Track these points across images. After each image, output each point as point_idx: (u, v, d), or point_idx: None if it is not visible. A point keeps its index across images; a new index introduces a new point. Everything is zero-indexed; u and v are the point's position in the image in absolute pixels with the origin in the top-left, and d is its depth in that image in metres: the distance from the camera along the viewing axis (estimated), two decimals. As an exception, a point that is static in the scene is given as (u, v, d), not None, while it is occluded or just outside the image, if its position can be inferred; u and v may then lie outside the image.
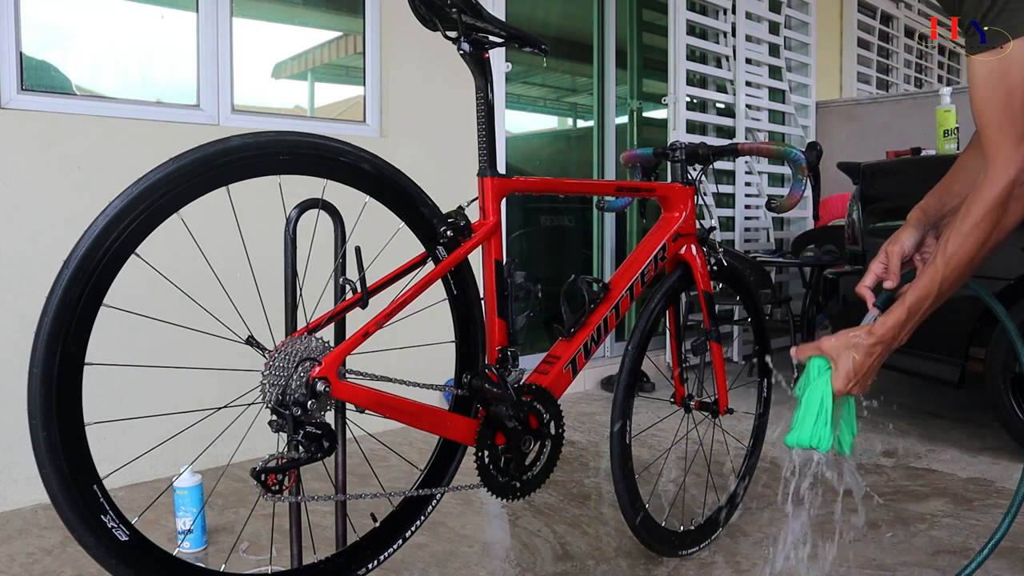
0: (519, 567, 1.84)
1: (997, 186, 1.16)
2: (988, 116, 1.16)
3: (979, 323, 2.69)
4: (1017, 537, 2.00)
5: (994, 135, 1.16)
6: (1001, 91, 1.14)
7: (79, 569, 1.80)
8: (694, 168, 1.91)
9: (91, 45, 2.47)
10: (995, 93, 1.15)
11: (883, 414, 3.29)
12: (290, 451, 1.20)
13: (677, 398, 1.93)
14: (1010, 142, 1.14)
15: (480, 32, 1.45)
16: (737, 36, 4.46)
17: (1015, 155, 1.14)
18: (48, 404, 1.01)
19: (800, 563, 1.85)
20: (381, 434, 2.30)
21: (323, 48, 3.14)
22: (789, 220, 5.02)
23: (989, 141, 1.17)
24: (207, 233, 1.52)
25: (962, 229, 1.20)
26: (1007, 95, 1.14)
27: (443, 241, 1.43)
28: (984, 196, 1.17)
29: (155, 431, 1.63)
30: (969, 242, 1.19)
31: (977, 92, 1.17)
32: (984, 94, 1.16)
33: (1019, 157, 1.14)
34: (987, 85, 1.15)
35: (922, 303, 1.24)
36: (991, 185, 1.16)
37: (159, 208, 1.09)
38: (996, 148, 1.16)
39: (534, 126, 4.25)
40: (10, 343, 2.12)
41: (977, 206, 1.18)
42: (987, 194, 1.17)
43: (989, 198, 1.16)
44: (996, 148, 1.16)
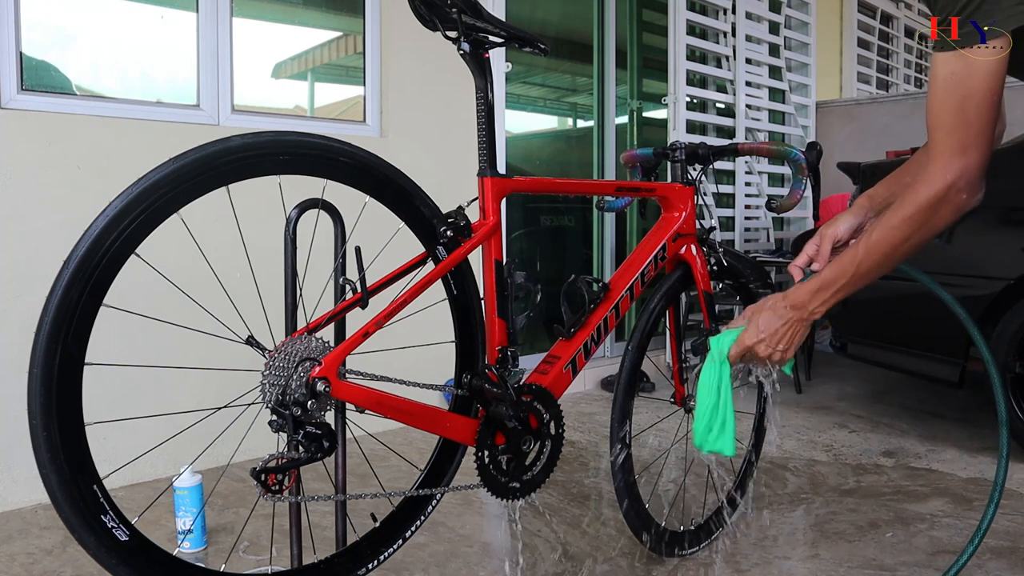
0: (519, 567, 1.84)
1: (933, 187, 1.15)
2: (939, 117, 1.15)
3: (979, 323, 2.69)
4: (1017, 537, 2.00)
5: (941, 138, 1.15)
6: (957, 94, 1.12)
7: (79, 569, 1.80)
8: (694, 168, 1.91)
9: (91, 45, 2.47)
10: (951, 95, 1.13)
11: (883, 414, 3.29)
12: (290, 451, 1.20)
13: (677, 398, 1.93)
14: (954, 147, 1.13)
15: (480, 32, 1.45)
16: (737, 36, 4.46)
17: (956, 161, 1.13)
18: (48, 404, 1.01)
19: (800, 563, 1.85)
20: (381, 434, 2.30)
21: (323, 48, 3.14)
22: (789, 220, 5.02)
23: (935, 142, 1.16)
24: (207, 233, 1.52)
25: (890, 221, 1.21)
26: (962, 99, 1.12)
27: (443, 241, 1.43)
28: (918, 194, 1.17)
29: (155, 431, 1.63)
30: (894, 235, 1.20)
31: (935, 91, 1.15)
32: (940, 95, 1.14)
33: (959, 164, 1.13)
34: (945, 86, 1.13)
35: (836, 280, 1.27)
36: (928, 185, 1.16)
37: (159, 208, 1.09)
38: (939, 150, 1.15)
39: (534, 126, 4.25)
40: (10, 343, 2.12)
41: (909, 202, 1.18)
42: (921, 193, 1.17)
43: (922, 197, 1.16)
44: (939, 150, 1.15)
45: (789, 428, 3.06)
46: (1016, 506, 2.23)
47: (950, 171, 1.14)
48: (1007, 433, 1.49)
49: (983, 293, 2.67)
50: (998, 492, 1.47)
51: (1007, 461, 1.48)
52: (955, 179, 1.14)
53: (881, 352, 3.16)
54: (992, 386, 1.50)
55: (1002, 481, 1.47)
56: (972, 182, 1.15)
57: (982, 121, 1.12)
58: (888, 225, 1.21)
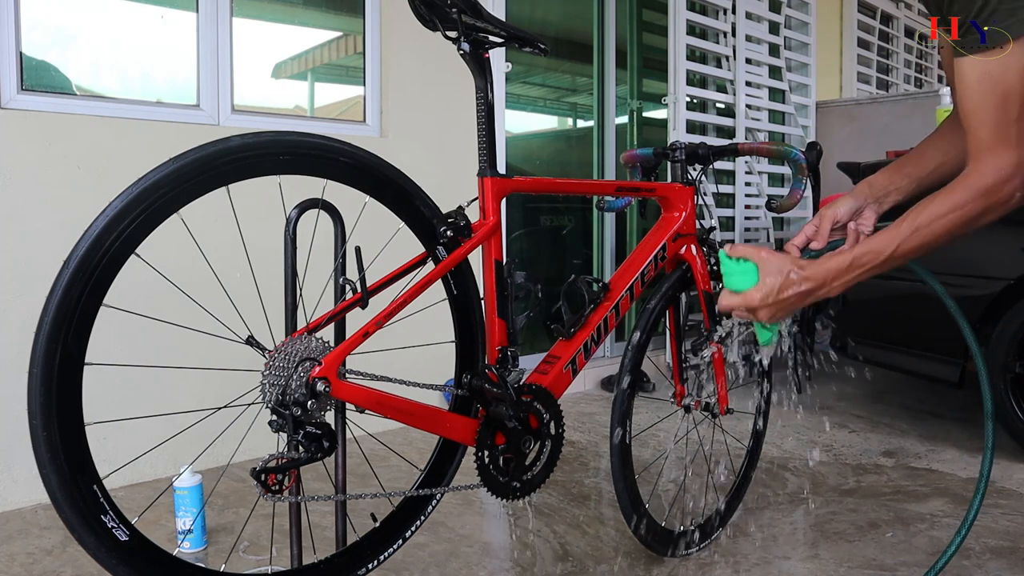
0: (519, 567, 1.84)
1: (988, 178, 1.13)
2: (980, 118, 1.13)
3: (979, 323, 2.70)
4: (1017, 537, 2.00)
5: (986, 135, 1.13)
6: (996, 93, 1.11)
7: (79, 569, 1.80)
8: (694, 168, 1.91)
9: (91, 45, 2.47)
10: (989, 95, 1.12)
11: (883, 414, 3.29)
12: (290, 451, 1.20)
13: (677, 398, 1.93)
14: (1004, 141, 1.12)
15: (480, 32, 1.45)
16: (737, 36, 4.45)
17: (1008, 154, 1.12)
18: (48, 404, 1.01)
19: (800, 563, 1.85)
20: (381, 434, 2.30)
21: (323, 48, 3.14)
22: (789, 220, 5.02)
23: (981, 142, 1.14)
24: (207, 233, 1.52)
25: (940, 209, 1.16)
26: (1003, 97, 1.11)
27: (443, 241, 1.43)
28: (972, 184, 1.14)
29: (155, 431, 1.63)
30: (942, 223, 1.17)
31: (968, 94, 1.14)
32: (977, 96, 1.13)
33: (1012, 158, 1.12)
34: (980, 88, 1.12)
35: (869, 260, 1.20)
36: (980, 176, 1.14)
37: (159, 208, 1.09)
38: (987, 146, 1.13)
39: (534, 126, 4.25)
40: (10, 343, 2.12)
41: (963, 190, 1.15)
42: (976, 182, 1.14)
43: (978, 187, 1.14)
44: (987, 146, 1.13)
45: (789, 428, 3.06)
46: (1016, 506, 2.23)
47: (1004, 165, 1.12)
48: (992, 425, 1.50)
49: (983, 293, 2.67)
50: (984, 482, 1.48)
51: (992, 452, 1.50)
52: (1011, 173, 1.12)
53: (881, 352, 3.16)
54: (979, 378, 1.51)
55: (987, 472, 1.49)
56: None
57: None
58: (935, 213, 1.16)
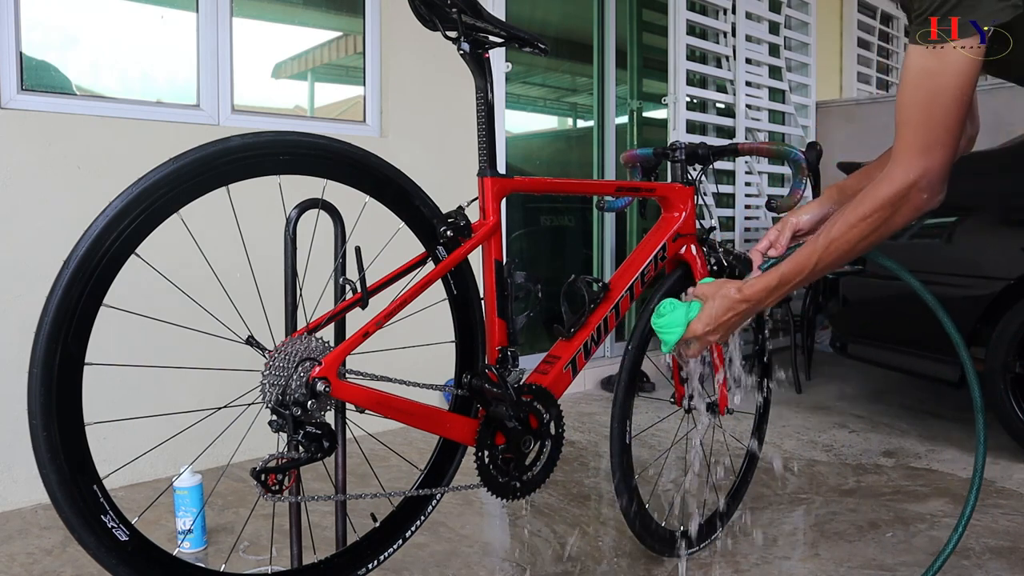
0: (519, 567, 1.84)
1: (894, 186, 1.14)
2: (907, 113, 1.13)
3: (979, 323, 2.69)
4: (1017, 537, 2.00)
5: (907, 134, 1.13)
6: (927, 91, 1.10)
7: (79, 569, 1.80)
8: (694, 168, 1.91)
9: (91, 45, 2.47)
10: (921, 91, 1.11)
11: (883, 414, 3.29)
12: (290, 451, 1.20)
13: (677, 398, 1.93)
14: (919, 146, 1.12)
15: (480, 32, 1.45)
16: (737, 36, 4.46)
17: (919, 160, 1.12)
18: (48, 404, 1.01)
19: (800, 563, 1.85)
20: (381, 434, 2.30)
21: (323, 48, 3.14)
22: (789, 220, 5.02)
23: (900, 139, 1.15)
24: (207, 233, 1.52)
25: (850, 218, 1.19)
26: (932, 96, 1.10)
27: (443, 241, 1.43)
28: (879, 193, 1.16)
29: (155, 431, 1.63)
30: (853, 232, 1.19)
31: (905, 85, 1.13)
32: (911, 90, 1.12)
33: (923, 163, 1.12)
34: (916, 82, 1.11)
35: (794, 276, 1.26)
36: (889, 183, 1.15)
37: (159, 208, 1.09)
38: (904, 147, 1.14)
39: (534, 126, 4.25)
40: (10, 343, 2.12)
41: (870, 200, 1.17)
42: (883, 191, 1.15)
43: (883, 196, 1.15)
44: (904, 147, 1.14)
45: (789, 428, 3.06)
46: (1016, 506, 2.23)
47: (912, 170, 1.13)
48: (983, 419, 1.50)
49: (983, 293, 2.67)
50: (978, 476, 1.49)
51: (985, 447, 1.50)
52: (917, 178, 1.13)
53: (881, 352, 3.16)
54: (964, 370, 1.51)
55: (981, 466, 1.49)
56: (934, 182, 1.13)
57: (949, 121, 1.10)
58: (847, 222, 1.20)
